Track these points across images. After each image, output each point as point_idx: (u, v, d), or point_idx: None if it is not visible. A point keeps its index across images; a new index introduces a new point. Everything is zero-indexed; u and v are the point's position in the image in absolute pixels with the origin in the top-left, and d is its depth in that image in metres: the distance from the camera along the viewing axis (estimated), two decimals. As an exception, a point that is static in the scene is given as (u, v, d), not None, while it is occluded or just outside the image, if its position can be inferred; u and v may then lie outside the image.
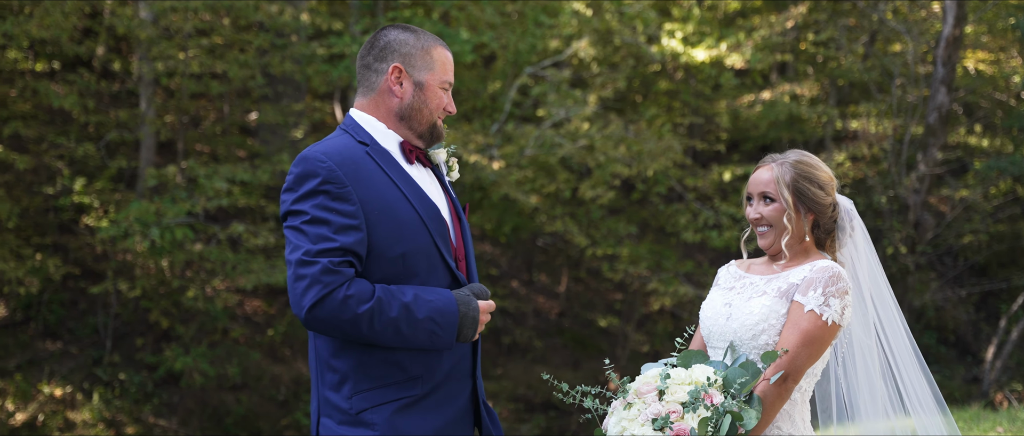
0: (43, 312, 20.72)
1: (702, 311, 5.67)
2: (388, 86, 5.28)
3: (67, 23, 19.25)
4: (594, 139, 20.39)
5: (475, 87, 22.43)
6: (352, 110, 5.40)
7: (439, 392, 5.19)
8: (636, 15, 21.60)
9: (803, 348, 5.26)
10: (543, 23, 22.04)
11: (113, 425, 19.66)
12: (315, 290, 4.81)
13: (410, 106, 5.28)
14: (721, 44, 21.62)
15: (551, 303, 25.22)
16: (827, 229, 5.61)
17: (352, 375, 5.05)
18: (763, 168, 5.58)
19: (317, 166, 4.97)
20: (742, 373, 5.17)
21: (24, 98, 21.49)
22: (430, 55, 5.33)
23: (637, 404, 5.17)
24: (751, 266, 5.71)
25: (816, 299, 5.30)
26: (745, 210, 5.65)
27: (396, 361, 5.06)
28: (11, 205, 19.76)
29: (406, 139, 5.32)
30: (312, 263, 4.83)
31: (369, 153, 5.16)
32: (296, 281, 4.84)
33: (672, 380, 5.17)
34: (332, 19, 22.03)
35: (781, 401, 5.25)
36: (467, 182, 20.85)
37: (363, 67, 5.37)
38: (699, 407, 5.06)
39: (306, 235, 4.89)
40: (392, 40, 5.33)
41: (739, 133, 24.97)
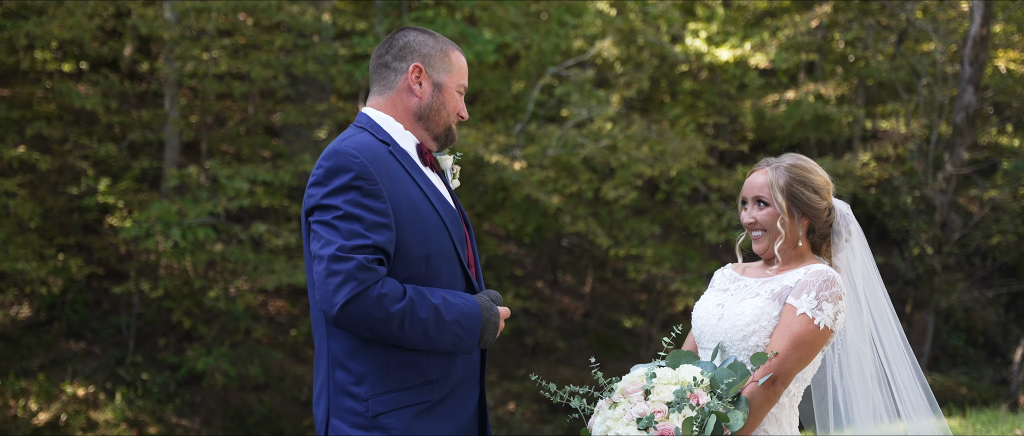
0: (66, 312, 20.79)
1: (694, 312, 5.62)
2: (408, 85, 5.24)
3: (90, 24, 19.29)
4: (617, 139, 20.31)
5: (498, 87, 22.38)
6: (367, 108, 5.33)
7: (453, 398, 5.15)
8: (660, 15, 21.52)
9: (793, 351, 5.20)
10: (567, 23, 21.98)
11: (136, 425, 19.70)
12: (350, 286, 4.72)
13: (429, 106, 5.24)
14: (745, 44, 21.51)
15: (576, 304, 25.17)
16: (822, 234, 5.54)
17: (370, 377, 4.97)
18: (757, 172, 5.53)
19: (350, 161, 4.89)
20: (730, 374, 5.12)
21: (48, 99, 21.57)
22: (449, 57, 5.31)
23: (623, 403, 5.13)
24: (746, 269, 5.65)
25: (809, 302, 5.24)
26: (740, 214, 5.58)
27: (415, 363, 5.00)
28: (33, 205, 19.82)
29: (422, 141, 5.28)
30: (347, 259, 4.74)
31: (391, 152, 5.11)
32: (328, 276, 4.75)
33: (658, 380, 5.13)
34: (356, 19, 22.02)
35: (769, 404, 5.19)
36: (490, 182, 20.82)
37: (380, 66, 5.32)
38: (684, 407, 5.01)
39: (338, 230, 4.80)
40: (412, 40, 5.29)
41: (765, 133, 24.85)
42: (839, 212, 5.57)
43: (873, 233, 26.55)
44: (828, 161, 21.96)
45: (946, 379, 24.89)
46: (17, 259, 18.77)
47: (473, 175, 21.52)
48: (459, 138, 19.24)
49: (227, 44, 20.82)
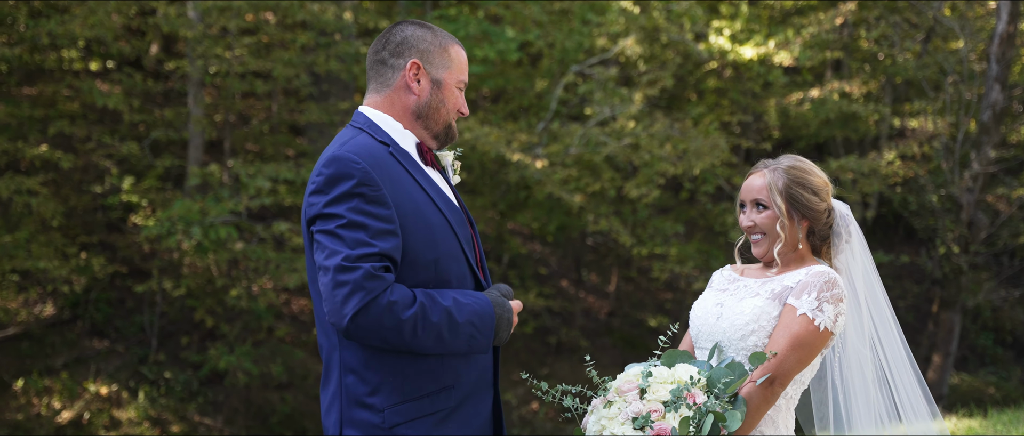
0: (90, 310, 20.85)
1: (693, 311, 5.55)
2: (405, 83, 5.10)
3: (112, 22, 19.32)
4: (639, 137, 20.25)
5: (521, 85, 22.33)
6: (364, 108, 5.17)
7: (468, 403, 5.05)
8: (683, 12, 21.45)
9: (792, 352, 5.13)
10: (590, 21, 21.93)
11: (158, 423, 19.73)
12: (358, 297, 4.60)
13: (428, 104, 5.10)
14: (769, 41, 21.41)
15: (601, 302, 25.11)
16: (822, 235, 5.48)
17: (384, 387, 4.84)
18: (755, 174, 5.46)
19: (351, 167, 4.74)
20: (727, 373, 5.06)
21: (70, 98, 21.63)
22: (448, 53, 5.17)
23: (617, 403, 5.07)
24: (745, 270, 5.60)
25: (810, 303, 5.17)
26: (738, 217, 5.52)
27: (430, 370, 4.90)
28: (56, 204, 19.88)
29: (422, 139, 5.15)
30: (353, 268, 4.61)
31: (392, 153, 4.97)
32: (335, 288, 4.62)
33: (654, 378, 5.06)
34: (379, 17, 22.01)
35: (767, 405, 5.13)
36: (512, 181, 20.79)
37: (377, 62, 5.17)
38: (681, 406, 4.94)
39: (343, 240, 4.67)
40: (409, 36, 5.14)
41: (790, 131, 24.75)
42: (839, 213, 5.51)
43: (900, 232, 26.43)
44: (853, 160, 21.84)
45: (974, 379, 24.76)
46: (40, 258, 18.82)
47: (495, 173, 21.49)
48: (480, 136, 19.29)
49: (249, 43, 20.84)
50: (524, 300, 22.10)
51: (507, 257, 23.77)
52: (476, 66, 20.47)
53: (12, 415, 19.24)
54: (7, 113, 20.56)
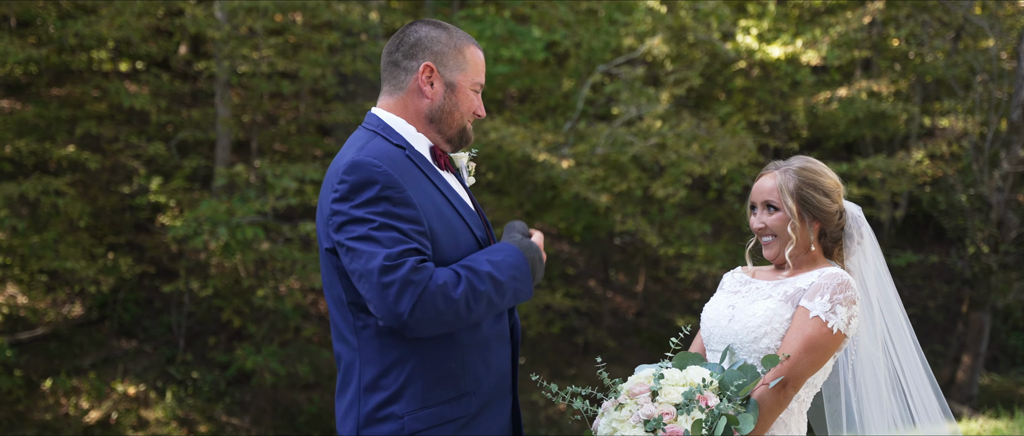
0: (118, 311, 20.91)
1: (704, 313, 5.51)
2: (418, 86, 5.00)
3: (139, 23, 19.37)
4: (666, 137, 20.19)
5: (548, 85, 22.30)
6: (377, 109, 5.08)
7: (488, 410, 5.00)
8: (710, 12, 21.38)
9: (805, 354, 5.08)
10: (617, 20, 21.88)
11: (186, 423, 19.77)
12: (409, 292, 4.55)
13: (441, 108, 5.00)
14: (797, 41, 21.32)
15: (628, 302, 25.06)
16: (834, 237, 5.42)
17: (406, 394, 4.78)
18: (766, 176, 5.42)
19: (374, 172, 4.66)
20: (740, 376, 5.01)
21: (97, 98, 21.70)
22: (463, 54, 5.05)
23: (629, 405, 5.03)
24: (757, 272, 5.55)
25: (822, 305, 5.12)
26: (749, 219, 5.47)
27: (450, 376, 4.84)
28: (83, 205, 19.94)
29: (435, 143, 5.06)
30: (397, 266, 4.56)
31: (408, 157, 4.89)
32: (383, 289, 4.55)
33: (666, 381, 5.02)
34: (405, 17, 22.02)
35: (779, 407, 5.09)
36: (538, 181, 20.75)
37: (390, 64, 5.07)
38: (693, 409, 4.90)
39: (379, 241, 4.60)
40: (423, 37, 5.03)
41: (819, 131, 24.64)
42: (850, 214, 5.46)
43: (929, 232, 26.30)
44: (881, 159, 21.74)
45: (1004, 379, 24.63)
46: (67, 258, 18.87)
47: (522, 173, 21.46)
48: (506, 136, 19.26)
49: (276, 43, 20.86)
50: (551, 300, 22.08)
51: (534, 257, 23.71)
52: (503, 66, 20.45)
53: (40, 415, 19.31)
54: (35, 114, 20.64)
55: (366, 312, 4.80)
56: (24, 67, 22.25)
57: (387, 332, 4.79)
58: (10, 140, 19.96)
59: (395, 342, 4.80)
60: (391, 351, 4.80)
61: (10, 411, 19.24)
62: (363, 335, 4.83)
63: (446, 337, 4.83)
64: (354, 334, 4.85)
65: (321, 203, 4.87)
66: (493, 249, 4.92)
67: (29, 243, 19.29)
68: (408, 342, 4.79)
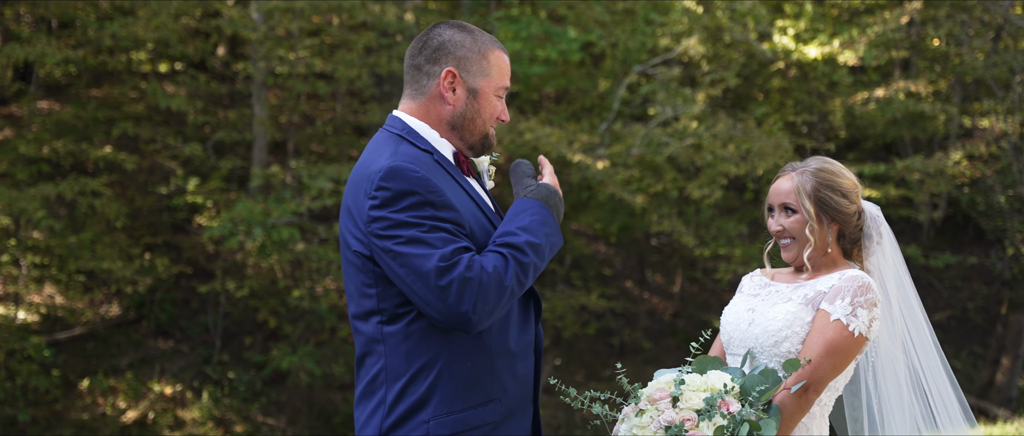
0: (155, 311, 21.00)
1: (723, 317, 5.48)
2: (439, 92, 4.93)
3: (175, 25, 19.43)
4: (702, 138, 20.12)
5: (584, 86, 22.25)
6: (400, 113, 5.00)
7: (512, 419, 4.95)
8: (747, 12, 21.29)
9: (827, 358, 5.04)
10: (653, 21, 21.81)
11: (222, 423, 19.83)
12: (470, 290, 4.55)
13: (462, 115, 4.95)
14: (834, 41, 21.20)
15: (665, 303, 24.99)
16: (853, 238, 5.38)
17: (433, 399, 4.74)
18: (783, 178, 5.37)
19: (413, 179, 4.63)
20: (761, 381, 4.97)
21: (136, 100, 21.80)
22: (487, 59, 4.98)
23: (649, 411, 4.99)
24: (776, 275, 5.50)
25: (843, 309, 5.08)
26: (767, 222, 5.43)
27: (479, 380, 4.81)
28: (119, 205, 20.03)
29: (458, 149, 5.01)
30: (452, 266, 4.55)
31: (437, 161, 4.86)
32: (443, 291, 4.54)
33: (687, 386, 4.99)
34: (441, 18, 22.01)
35: (801, 412, 5.05)
36: (574, 181, 20.71)
37: (413, 67, 5.01)
38: (715, 415, 4.86)
39: (428, 243, 4.58)
40: (446, 41, 4.96)
41: (857, 131, 24.51)
42: (869, 214, 5.41)
43: (969, 233, 26.11)
44: (918, 160, 21.61)
45: (1045, 382, 24.44)
46: (103, 258, 18.95)
47: (557, 174, 21.40)
48: (541, 137, 19.23)
49: (310, 44, 20.90)
50: (586, 301, 22.07)
51: (570, 258, 23.71)
52: (538, 66, 20.43)
53: (78, 414, 19.42)
54: (73, 115, 20.75)
55: (396, 318, 4.77)
56: (63, 68, 22.38)
57: (416, 337, 4.75)
58: (48, 141, 20.07)
59: (424, 347, 4.76)
60: (419, 356, 4.77)
61: (48, 411, 19.35)
62: (391, 340, 4.78)
63: (476, 343, 4.80)
64: (381, 341, 4.80)
65: (349, 208, 4.82)
66: (518, 212, 4.88)
67: (66, 243, 19.39)
68: (436, 347, 4.76)
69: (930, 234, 25.51)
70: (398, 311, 4.76)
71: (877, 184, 22.25)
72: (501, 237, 4.79)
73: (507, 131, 19.57)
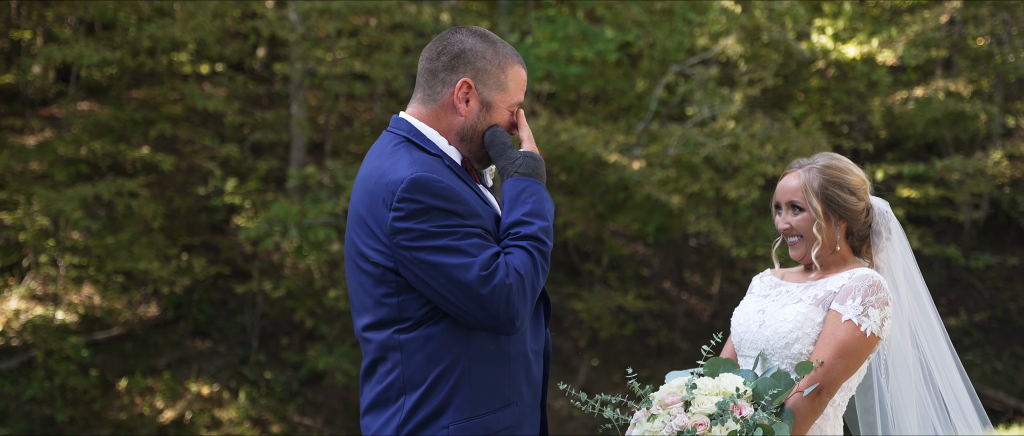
0: (193, 311, 21.07)
1: (734, 318, 5.42)
2: (453, 101, 4.81)
3: (212, 25, 19.48)
4: (739, 138, 20.03)
5: (621, 86, 22.17)
6: (407, 116, 4.90)
7: (526, 423, 4.89)
8: (785, 11, 21.17)
9: (839, 360, 4.98)
10: (692, 20, 21.72)
11: (259, 423, 19.87)
12: (516, 296, 4.54)
13: (473, 127, 4.85)
14: (873, 40, 21.04)
15: (703, 304, 24.89)
16: (862, 235, 5.31)
17: (452, 404, 4.67)
18: (790, 175, 5.31)
19: (437, 188, 4.55)
20: (774, 384, 4.90)
21: (175, 101, 21.88)
22: (505, 74, 4.87)
23: (661, 415, 4.92)
24: (786, 274, 5.46)
25: (854, 309, 5.01)
26: (774, 220, 5.38)
27: (497, 385, 4.74)
28: (156, 206, 20.10)
29: (466, 158, 4.92)
30: (493, 273, 4.51)
31: (449, 167, 4.77)
32: (487, 300, 4.50)
33: (699, 390, 4.92)
34: (478, 18, 22.00)
35: (814, 415, 4.99)
36: (610, 182, 20.66)
37: (428, 71, 4.87)
38: (727, 419, 4.79)
39: (465, 251, 4.53)
40: (467, 49, 4.83)
41: (898, 131, 24.34)
42: (878, 211, 5.34)
43: (1011, 233, 25.90)
44: (958, 160, 21.45)
45: (1088, 384, 24.22)
46: (140, 259, 19.02)
47: (594, 174, 21.36)
48: (577, 137, 19.20)
49: (346, 45, 20.93)
50: (623, 302, 22.00)
51: (607, 258, 23.66)
52: (575, 67, 20.37)
53: (116, 414, 19.50)
54: (111, 116, 20.83)
55: (416, 325, 4.70)
56: (102, 70, 22.47)
57: (435, 343, 4.68)
58: (86, 142, 20.16)
59: (442, 353, 4.69)
60: (438, 362, 4.69)
61: (86, 410, 19.44)
62: (408, 347, 4.71)
63: (494, 347, 4.74)
64: (396, 348, 4.72)
65: (363, 218, 4.72)
66: (519, 194, 4.82)
67: (104, 244, 19.47)
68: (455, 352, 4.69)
69: (972, 235, 25.32)
70: (420, 319, 4.69)
71: (916, 184, 22.11)
72: (515, 228, 4.75)
73: (543, 132, 19.54)
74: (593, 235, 23.16)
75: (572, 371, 21.97)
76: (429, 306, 4.67)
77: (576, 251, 24.17)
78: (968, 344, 23.51)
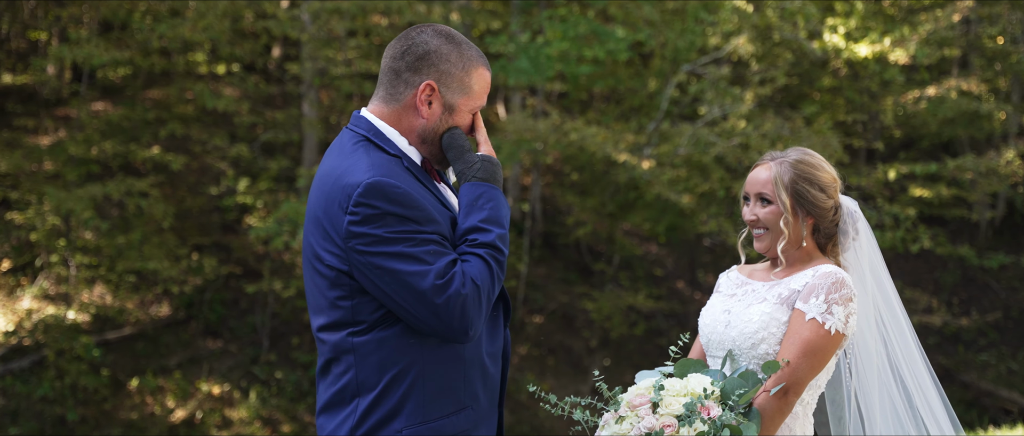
0: (204, 311, 21.10)
1: (701, 318, 5.39)
2: (415, 103, 4.77)
3: (221, 25, 19.50)
4: (750, 137, 19.97)
5: (632, 85, 22.12)
6: (369, 113, 4.85)
7: (481, 426, 4.86)
8: (797, 10, 21.09)
9: (804, 359, 4.94)
10: (703, 20, 21.66)
11: (269, 423, 19.89)
12: (472, 304, 4.51)
13: (434, 130, 4.81)
14: (885, 39, 20.94)
15: (717, 304, 24.82)
16: (828, 233, 5.27)
17: (405, 408, 4.64)
18: (761, 167, 5.27)
19: (394, 193, 4.52)
20: (741, 384, 4.87)
21: (189, 100, 21.92)
22: (470, 77, 4.80)
23: (629, 417, 4.90)
24: (753, 272, 5.41)
25: (818, 307, 4.98)
26: (742, 210, 5.35)
27: (451, 388, 4.71)
28: (166, 206, 20.14)
29: (426, 158, 4.89)
30: (448, 283, 4.48)
31: (408, 168, 4.74)
32: (441, 309, 4.48)
33: (667, 391, 4.89)
34: (491, 19, 21.99)
35: (782, 415, 4.95)
36: (621, 181, 20.62)
37: (392, 70, 4.82)
38: (695, 420, 4.77)
39: (420, 259, 4.49)
40: (432, 51, 4.78)
41: (912, 130, 24.24)
42: (846, 210, 5.30)
43: (1030, 233, 25.80)
44: (970, 159, 21.35)
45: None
46: (150, 259, 19.05)
47: (605, 174, 21.32)
48: (587, 136, 19.17)
49: (357, 45, 20.94)
50: (634, 301, 21.95)
51: (619, 258, 23.61)
52: (585, 66, 20.33)
53: (127, 414, 19.54)
54: (122, 116, 20.87)
55: (370, 328, 4.67)
56: (115, 70, 22.51)
57: (388, 346, 4.65)
58: (97, 142, 20.20)
59: (396, 356, 4.65)
60: (392, 366, 4.66)
61: (97, 410, 19.49)
62: (362, 350, 4.68)
63: (449, 352, 4.70)
64: (350, 351, 4.69)
65: (319, 219, 4.69)
66: (475, 200, 4.78)
67: (115, 244, 19.51)
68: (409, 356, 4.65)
69: (987, 234, 25.21)
70: (374, 322, 4.67)
71: (929, 184, 22.01)
72: (472, 234, 4.71)
73: (552, 131, 19.52)
74: (604, 235, 23.12)
75: (583, 371, 21.95)
76: (383, 310, 4.63)
77: (588, 251, 24.13)
78: (983, 344, 23.43)
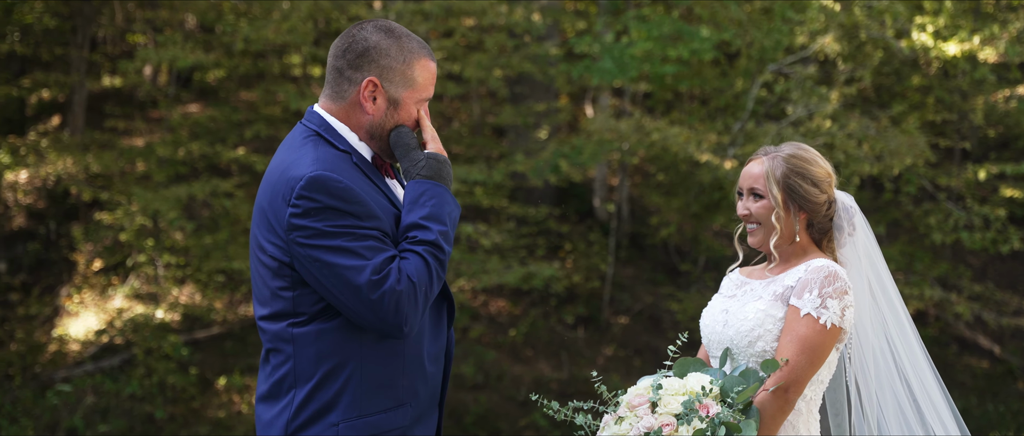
0: (291, 309, 21.28)
1: (702, 319, 5.41)
2: (359, 100, 4.87)
3: (305, 27, 19.67)
4: (835, 137, 19.77)
5: (718, 86, 21.99)
6: (320, 109, 4.96)
7: (420, 424, 4.95)
8: (885, 9, 20.83)
9: (802, 355, 4.94)
10: (790, 19, 21.47)
11: (353, 420, 20.02)
12: (407, 300, 4.58)
13: (381, 125, 4.89)
14: (974, 37, 20.60)
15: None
16: (822, 228, 5.26)
17: (341, 402, 4.72)
18: (754, 161, 5.28)
19: (335, 186, 4.61)
20: (740, 382, 4.90)
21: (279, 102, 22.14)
22: (412, 69, 4.89)
23: (628, 418, 4.95)
24: (752, 272, 5.45)
25: (812, 302, 4.98)
26: (736, 204, 5.34)
27: (389, 384, 4.78)
28: (250, 207, 20.34)
29: (377, 154, 4.97)
30: (384, 279, 4.56)
31: (357, 164, 4.84)
32: (376, 304, 4.56)
33: (665, 390, 4.92)
34: (576, 19, 22.00)
35: (783, 413, 4.95)
36: (705, 181, 20.51)
37: (335, 69, 4.93)
38: (693, 418, 4.79)
39: (358, 254, 4.58)
40: (372, 47, 4.86)
41: (1007, 130, 23.83)
42: (842, 205, 5.29)
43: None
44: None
45: None
46: (235, 258, 19.29)
47: (689, 174, 21.22)
48: (669, 136, 19.09)
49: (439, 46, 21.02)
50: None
51: (704, 259, 23.48)
52: (670, 66, 20.23)
53: (214, 412, 19.77)
54: (209, 117, 21.14)
55: (310, 320, 4.75)
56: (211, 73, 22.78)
57: (327, 339, 4.73)
58: (184, 143, 20.48)
59: (334, 350, 4.73)
60: (329, 359, 4.73)
61: (185, 408, 19.74)
62: (301, 341, 4.75)
63: (388, 348, 4.77)
64: (289, 341, 4.76)
65: (264, 211, 4.78)
66: (418, 197, 4.82)
67: (202, 244, 19.76)
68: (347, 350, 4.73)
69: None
70: (314, 315, 4.74)
71: (1020, 184, 21.66)
72: (413, 231, 4.76)
73: (634, 131, 19.48)
74: (690, 235, 23.02)
75: (669, 372, 21.85)
76: (324, 303, 4.71)
77: (676, 251, 24.03)
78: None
